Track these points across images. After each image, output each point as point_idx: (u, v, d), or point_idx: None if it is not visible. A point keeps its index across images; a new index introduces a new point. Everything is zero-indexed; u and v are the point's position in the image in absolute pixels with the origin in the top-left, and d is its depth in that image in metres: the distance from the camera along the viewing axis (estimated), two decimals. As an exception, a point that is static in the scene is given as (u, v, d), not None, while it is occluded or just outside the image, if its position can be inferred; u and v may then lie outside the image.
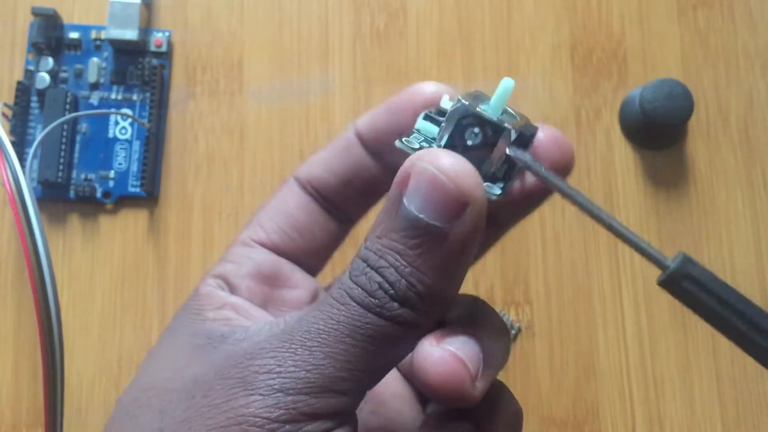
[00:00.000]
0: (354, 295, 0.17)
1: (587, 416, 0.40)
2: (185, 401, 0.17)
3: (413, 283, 0.17)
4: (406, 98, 0.21)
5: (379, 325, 0.17)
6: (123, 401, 0.19)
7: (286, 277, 0.22)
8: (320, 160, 0.22)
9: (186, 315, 0.20)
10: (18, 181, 0.35)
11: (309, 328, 0.17)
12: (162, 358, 0.19)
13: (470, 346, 0.18)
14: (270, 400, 0.16)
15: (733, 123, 0.44)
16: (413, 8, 0.45)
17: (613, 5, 0.45)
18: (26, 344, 0.40)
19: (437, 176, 0.17)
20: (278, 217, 0.22)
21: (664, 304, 0.42)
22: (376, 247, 0.17)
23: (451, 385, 0.18)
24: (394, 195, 0.18)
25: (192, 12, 0.44)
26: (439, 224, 0.17)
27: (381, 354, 0.17)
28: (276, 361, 0.17)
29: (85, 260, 0.41)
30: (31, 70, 0.42)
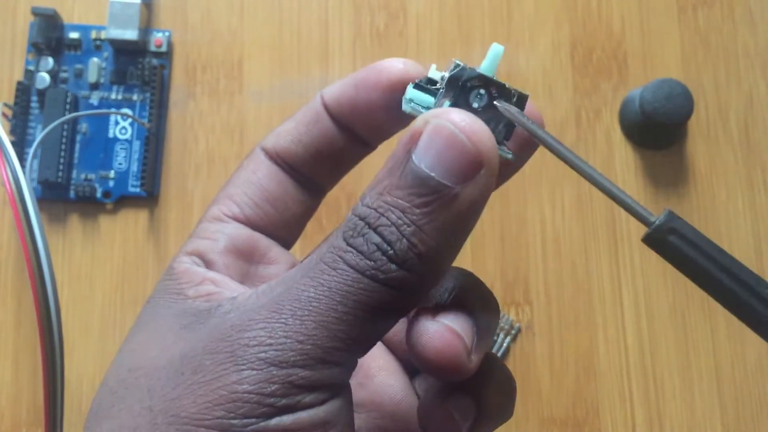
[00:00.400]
0: (347, 259, 0.16)
1: (587, 416, 0.40)
2: (173, 378, 0.16)
3: (415, 243, 0.16)
4: (373, 74, 0.20)
5: (373, 290, 0.16)
6: (109, 383, 0.18)
7: (262, 252, 0.21)
8: (287, 131, 0.21)
9: (165, 296, 0.19)
10: (18, 181, 0.35)
11: (299, 296, 0.16)
12: (147, 338, 0.18)
13: (464, 320, 0.18)
14: (263, 374, 0.16)
15: (733, 123, 0.44)
16: (413, 8, 0.45)
17: (613, 5, 0.45)
18: (26, 344, 0.40)
19: (456, 134, 0.16)
20: (249, 189, 0.21)
21: (664, 304, 0.42)
22: (378, 203, 0.17)
23: (449, 359, 0.18)
24: (400, 153, 0.17)
25: (192, 12, 0.44)
26: (450, 184, 0.16)
27: (374, 322, 0.17)
28: (266, 333, 0.16)
29: (85, 260, 0.41)
30: (31, 70, 0.42)
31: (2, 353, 0.40)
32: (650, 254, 0.44)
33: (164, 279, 0.20)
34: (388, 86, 0.20)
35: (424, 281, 0.17)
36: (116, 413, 0.17)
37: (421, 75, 0.20)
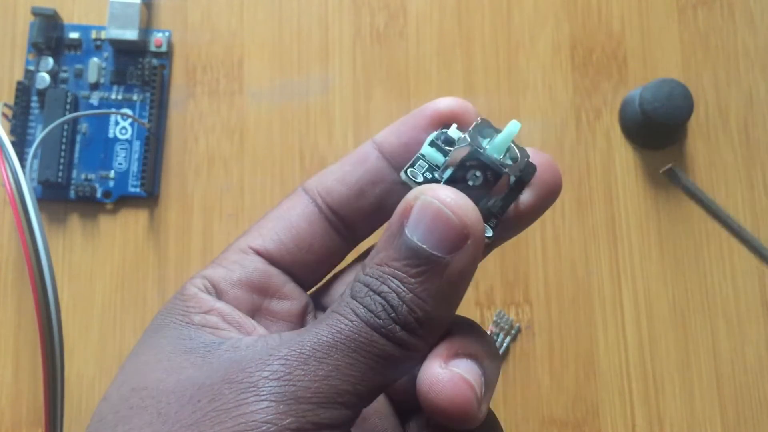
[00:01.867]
0: (360, 314, 0.18)
1: (587, 416, 0.40)
2: (188, 405, 0.17)
3: (414, 309, 0.18)
4: (419, 111, 0.22)
5: (383, 344, 0.18)
6: (111, 400, 0.18)
7: (276, 288, 0.21)
8: (332, 171, 0.22)
9: (171, 316, 0.20)
10: (18, 181, 0.35)
11: (319, 340, 0.17)
12: (151, 358, 0.19)
13: (474, 369, 0.19)
14: (281, 407, 0.16)
15: (733, 123, 0.44)
16: (413, 8, 0.45)
17: (613, 5, 0.45)
18: (26, 344, 0.40)
19: (442, 209, 0.18)
20: (278, 225, 0.22)
21: (664, 304, 0.42)
22: (378, 273, 0.18)
23: (461, 408, 0.18)
24: (395, 225, 0.18)
25: (192, 12, 0.44)
26: (440, 254, 0.18)
27: (382, 372, 0.18)
28: (286, 369, 0.17)
29: (85, 260, 0.41)
30: (32, 70, 0.42)
31: (2, 353, 0.40)
32: (650, 254, 0.44)
33: (174, 299, 0.20)
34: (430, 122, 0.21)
35: (424, 340, 0.18)
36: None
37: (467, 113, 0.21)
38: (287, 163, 0.43)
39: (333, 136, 0.43)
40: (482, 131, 0.20)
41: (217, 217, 0.42)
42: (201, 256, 0.41)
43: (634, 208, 0.43)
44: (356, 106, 0.43)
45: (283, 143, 0.43)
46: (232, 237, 0.42)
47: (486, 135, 0.20)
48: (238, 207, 0.42)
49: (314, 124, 0.43)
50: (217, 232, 0.42)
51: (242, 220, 0.42)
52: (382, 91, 0.44)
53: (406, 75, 0.44)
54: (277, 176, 0.42)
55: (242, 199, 0.42)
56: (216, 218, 0.42)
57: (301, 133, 0.43)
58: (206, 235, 0.42)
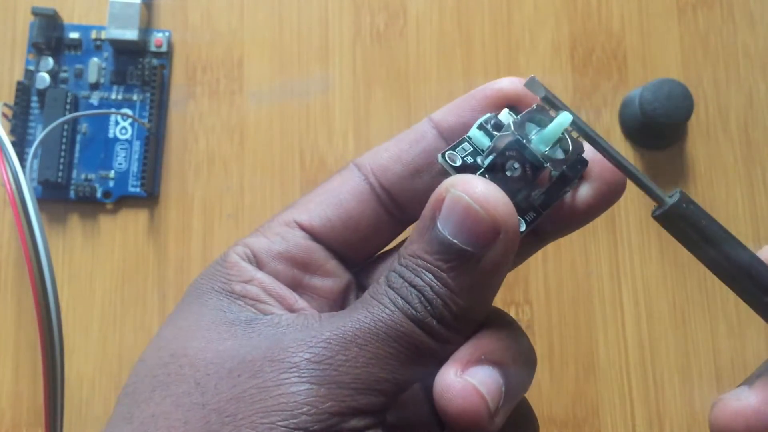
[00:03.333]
0: (399, 305, 0.18)
1: (587, 416, 0.40)
2: (228, 379, 0.17)
3: (447, 303, 0.18)
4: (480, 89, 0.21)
5: (420, 336, 0.18)
6: (148, 363, 0.18)
7: (318, 265, 0.21)
8: (386, 148, 0.21)
9: (212, 282, 0.20)
10: (18, 181, 0.35)
11: (361, 326, 0.18)
12: (191, 325, 0.19)
13: (494, 380, 0.18)
14: (322, 390, 0.17)
15: (733, 123, 0.44)
16: (413, 8, 0.45)
17: (613, 5, 0.45)
18: (26, 344, 0.40)
19: (471, 205, 0.18)
20: (327, 201, 0.21)
21: (664, 304, 0.42)
22: (411, 265, 0.18)
23: (470, 421, 0.18)
24: (428, 216, 0.18)
25: (192, 12, 0.44)
26: (471, 249, 0.18)
27: (419, 362, 0.18)
28: (328, 352, 0.17)
29: (85, 260, 0.41)
30: (32, 70, 0.42)
31: (3, 353, 0.40)
32: (650, 254, 0.44)
33: (216, 264, 0.20)
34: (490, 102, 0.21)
35: (459, 333, 0.18)
36: (159, 399, 0.17)
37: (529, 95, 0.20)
38: (287, 163, 0.43)
39: (333, 136, 0.43)
40: (535, 118, 0.20)
41: (217, 217, 0.42)
42: (201, 257, 0.41)
43: (634, 208, 0.43)
44: (356, 106, 0.43)
45: (283, 143, 0.43)
46: (232, 237, 0.42)
47: (539, 122, 0.20)
48: (238, 207, 0.42)
49: (314, 124, 0.43)
50: (217, 232, 0.42)
51: (242, 220, 0.42)
52: (382, 91, 0.44)
53: (406, 75, 0.44)
54: (277, 176, 0.42)
55: (242, 199, 0.42)
56: (216, 218, 0.42)
57: (301, 133, 0.43)
58: (206, 235, 0.42)
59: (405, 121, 0.43)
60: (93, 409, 0.39)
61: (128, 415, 0.18)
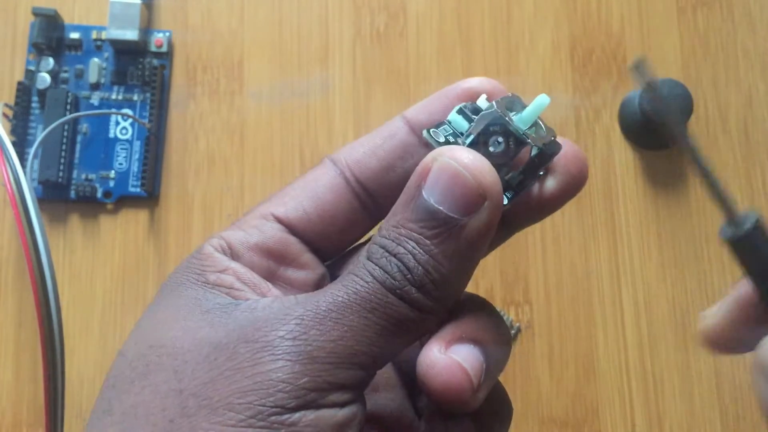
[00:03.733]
0: (376, 275, 0.18)
1: (587, 416, 0.41)
2: (204, 363, 0.17)
3: (429, 270, 0.18)
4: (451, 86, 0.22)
5: (397, 305, 0.18)
6: (127, 356, 0.19)
7: (293, 257, 0.21)
8: (362, 143, 0.22)
9: (188, 275, 0.20)
10: (19, 181, 0.35)
11: (334, 300, 0.18)
12: (167, 316, 0.19)
13: (475, 356, 0.19)
14: (297, 366, 0.17)
15: (733, 123, 0.44)
16: (413, 9, 0.45)
17: (613, 5, 0.45)
18: (27, 344, 0.40)
19: (459, 170, 0.18)
20: (303, 195, 0.21)
21: (664, 304, 0.42)
22: (394, 235, 0.18)
23: (454, 395, 0.18)
24: (412, 187, 0.18)
25: (192, 12, 0.44)
26: (457, 216, 0.18)
27: (397, 334, 0.18)
28: (301, 329, 0.17)
29: (86, 260, 0.41)
30: (32, 70, 0.42)
31: (3, 353, 0.40)
32: (650, 254, 0.44)
33: (190, 257, 0.21)
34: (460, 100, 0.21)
35: (439, 303, 0.18)
36: (138, 390, 0.17)
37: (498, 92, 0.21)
38: (287, 163, 0.43)
39: (333, 136, 0.43)
40: (511, 104, 0.20)
41: (217, 217, 0.42)
42: (201, 256, 0.41)
43: (633, 208, 0.43)
44: (356, 106, 0.43)
45: (283, 143, 0.43)
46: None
47: (515, 109, 0.20)
48: (238, 207, 0.42)
49: (314, 124, 0.43)
50: (217, 231, 0.42)
51: (242, 220, 0.42)
52: (382, 91, 0.44)
53: (406, 75, 0.44)
54: (277, 176, 0.43)
55: (242, 199, 0.42)
56: (216, 218, 0.42)
57: (301, 133, 0.43)
58: (206, 235, 0.42)
59: (405, 121, 0.43)
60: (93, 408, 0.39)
61: (109, 408, 0.18)
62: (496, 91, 0.21)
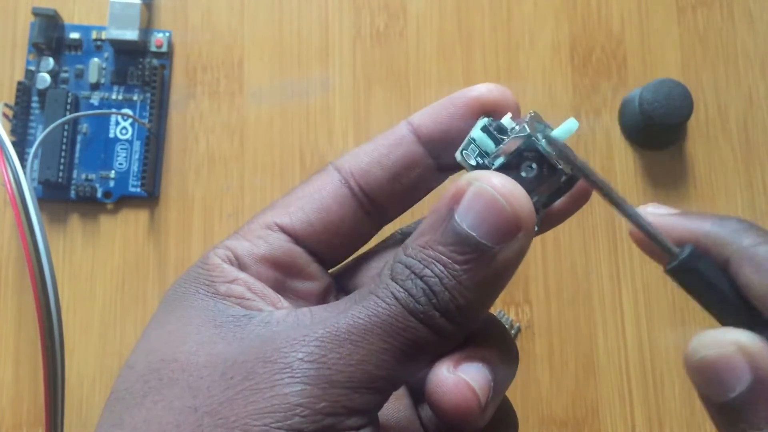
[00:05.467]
0: (399, 297, 0.17)
1: (587, 416, 0.41)
2: (221, 381, 0.17)
3: (455, 296, 0.18)
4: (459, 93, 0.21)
5: (419, 330, 0.17)
6: (137, 369, 0.18)
7: (300, 268, 0.21)
8: (367, 152, 0.21)
9: (196, 285, 0.19)
10: (19, 181, 0.35)
11: (355, 322, 0.17)
12: (179, 329, 0.19)
13: (484, 376, 0.19)
14: (315, 390, 0.16)
15: (733, 123, 0.44)
16: (413, 8, 0.45)
17: (613, 5, 0.45)
18: (27, 344, 0.40)
19: (497, 198, 0.18)
20: (308, 204, 0.21)
21: (664, 304, 0.42)
22: (421, 256, 0.18)
23: (463, 415, 0.18)
24: (443, 209, 0.18)
25: (192, 12, 0.44)
26: (489, 244, 0.18)
27: (415, 358, 0.18)
28: (321, 351, 0.17)
29: (86, 260, 0.41)
30: (32, 70, 0.42)
31: (3, 353, 0.40)
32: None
33: (196, 267, 0.20)
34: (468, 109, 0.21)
35: (461, 330, 0.18)
36: (150, 404, 0.17)
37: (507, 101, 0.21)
38: (287, 163, 0.43)
39: (333, 136, 0.43)
40: (536, 123, 0.20)
41: (217, 217, 0.42)
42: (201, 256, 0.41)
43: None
44: (356, 106, 0.43)
45: (283, 143, 0.43)
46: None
47: (537, 129, 0.20)
48: (238, 207, 0.42)
49: (314, 124, 0.43)
50: (217, 232, 0.42)
51: (242, 220, 0.42)
52: (382, 91, 0.44)
53: (406, 75, 0.44)
54: (277, 176, 0.43)
55: (242, 199, 0.42)
56: (216, 218, 0.42)
57: (301, 133, 0.43)
58: (206, 235, 0.42)
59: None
60: (93, 408, 0.39)
61: (119, 421, 0.17)
62: (505, 103, 0.21)
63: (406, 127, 0.21)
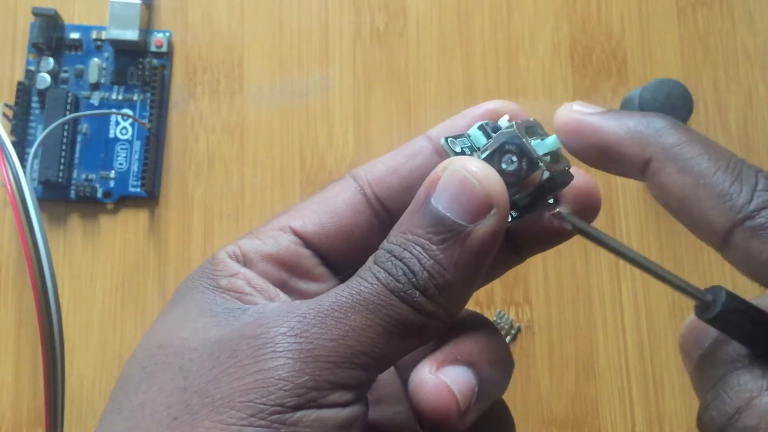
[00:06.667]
0: (380, 277, 0.18)
1: (587, 415, 0.41)
2: (208, 360, 0.17)
3: (434, 274, 0.18)
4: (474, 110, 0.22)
5: (400, 308, 0.18)
6: (138, 356, 0.19)
7: (306, 269, 0.21)
8: (384, 161, 0.22)
9: (200, 279, 0.20)
10: (19, 181, 0.35)
11: (337, 300, 0.18)
12: (178, 318, 0.19)
13: (467, 379, 0.19)
14: (298, 364, 0.17)
15: (733, 123, 0.44)
16: (413, 8, 0.45)
17: (613, 5, 0.45)
18: (27, 344, 0.40)
19: (467, 177, 0.18)
20: (322, 210, 0.21)
21: (664, 304, 0.42)
22: (401, 240, 0.18)
23: (440, 417, 0.18)
24: (422, 195, 0.19)
25: (192, 12, 0.44)
26: (463, 223, 0.18)
27: (399, 337, 0.18)
28: (303, 326, 0.17)
29: (86, 260, 0.41)
30: (32, 70, 0.42)
31: (3, 353, 0.40)
32: (650, 254, 0.44)
33: (205, 263, 0.21)
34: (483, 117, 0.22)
35: (443, 310, 0.19)
36: (146, 388, 0.18)
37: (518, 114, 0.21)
38: (287, 163, 0.43)
39: (333, 136, 0.43)
40: (532, 129, 0.21)
41: (217, 217, 0.42)
42: (201, 256, 0.41)
43: (633, 208, 0.43)
44: (356, 106, 0.43)
45: (283, 143, 0.43)
46: (232, 237, 0.42)
47: (535, 135, 0.21)
48: (238, 207, 0.42)
49: (314, 124, 0.43)
50: (217, 232, 0.42)
51: (242, 220, 0.42)
52: (382, 91, 0.44)
53: (406, 75, 0.44)
54: (277, 176, 0.43)
55: (242, 199, 0.42)
56: (216, 218, 0.42)
57: (301, 133, 0.43)
58: (206, 235, 0.42)
59: (405, 121, 0.43)
60: (93, 408, 0.39)
61: (119, 407, 0.18)
62: (518, 114, 0.22)
63: (424, 139, 0.22)
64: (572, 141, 0.20)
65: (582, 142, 0.19)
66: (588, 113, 0.19)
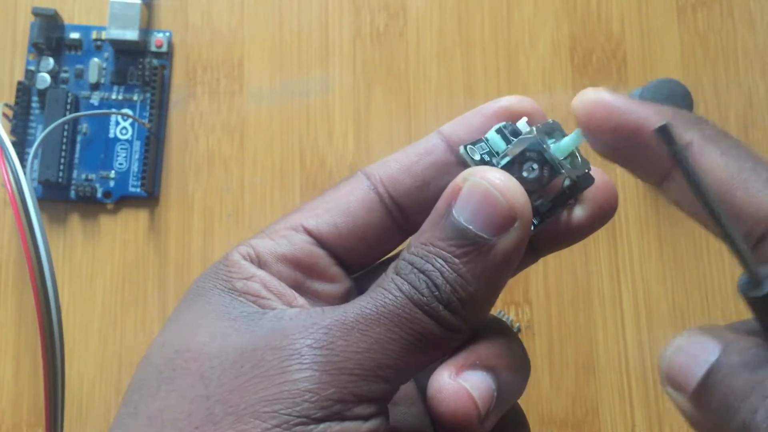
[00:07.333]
0: (404, 290, 0.18)
1: (587, 416, 0.41)
2: (231, 370, 0.17)
3: (457, 288, 0.18)
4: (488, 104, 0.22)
5: (424, 321, 0.18)
6: (153, 360, 0.18)
7: (320, 270, 0.21)
8: (397, 159, 0.22)
9: (214, 281, 0.20)
10: (19, 181, 0.35)
11: (362, 312, 0.18)
12: (194, 322, 0.19)
13: (487, 385, 0.19)
14: (324, 376, 0.17)
15: (733, 123, 0.44)
16: (413, 8, 0.45)
17: (613, 5, 0.45)
18: (27, 344, 0.40)
19: (490, 190, 0.18)
20: (335, 208, 0.21)
21: (664, 304, 0.42)
22: (422, 252, 0.18)
23: (460, 423, 0.18)
24: (443, 205, 0.19)
25: (192, 12, 0.44)
26: (486, 236, 0.18)
27: (423, 350, 0.18)
28: (328, 338, 0.17)
29: (86, 260, 0.41)
30: (32, 70, 0.42)
31: (3, 353, 0.40)
32: (650, 254, 0.44)
33: (218, 264, 0.20)
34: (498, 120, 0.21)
35: (466, 322, 0.18)
36: (164, 394, 0.17)
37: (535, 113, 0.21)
38: (287, 163, 0.43)
39: (333, 136, 0.43)
40: (551, 131, 0.20)
41: (217, 217, 0.42)
42: (201, 256, 0.41)
43: (634, 208, 0.43)
44: (356, 106, 0.43)
45: (283, 143, 0.43)
46: (232, 237, 0.42)
47: (553, 136, 0.20)
48: (238, 207, 0.42)
49: (314, 124, 0.43)
50: (217, 232, 0.42)
51: (242, 220, 0.42)
52: (382, 91, 0.44)
53: (406, 75, 0.44)
54: (277, 176, 0.43)
55: (242, 199, 0.42)
56: (216, 218, 0.42)
57: (301, 133, 0.43)
58: (206, 235, 0.42)
59: (405, 120, 0.43)
60: (93, 408, 0.39)
61: (134, 411, 0.18)
62: (534, 111, 0.21)
63: (437, 136, 0.22)
64: (599, 124, 0.19)
65: (611, 125, 0.19)
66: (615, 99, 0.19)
